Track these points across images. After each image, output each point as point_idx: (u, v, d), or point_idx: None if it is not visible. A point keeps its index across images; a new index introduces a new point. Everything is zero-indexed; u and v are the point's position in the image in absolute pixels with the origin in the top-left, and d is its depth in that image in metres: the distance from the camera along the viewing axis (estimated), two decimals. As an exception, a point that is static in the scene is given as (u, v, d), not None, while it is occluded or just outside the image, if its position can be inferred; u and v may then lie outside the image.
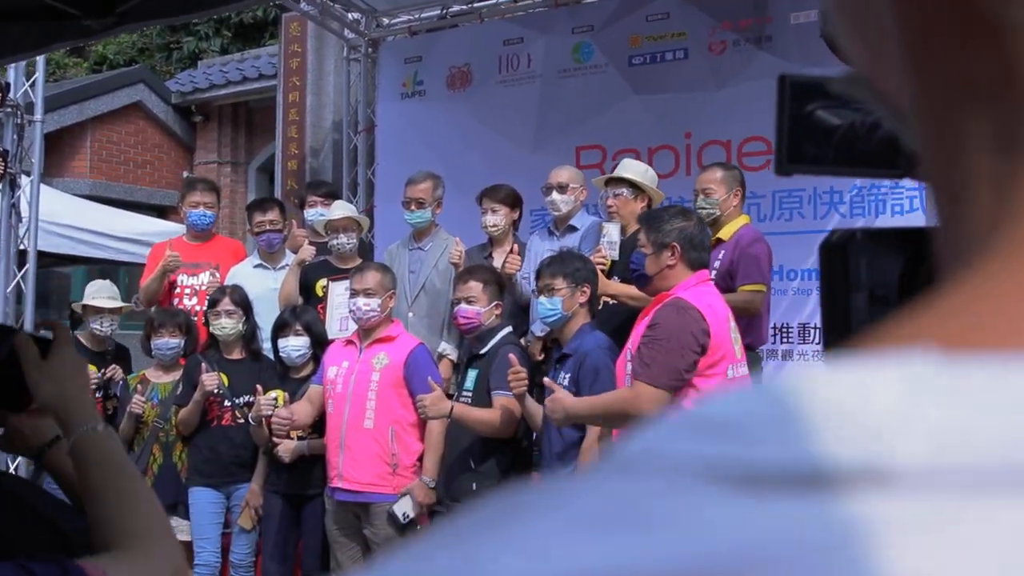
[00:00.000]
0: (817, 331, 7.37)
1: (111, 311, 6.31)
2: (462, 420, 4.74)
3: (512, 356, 4.58)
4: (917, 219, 7.00)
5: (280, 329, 5.58)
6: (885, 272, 1.02)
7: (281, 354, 5.57)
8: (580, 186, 5.80)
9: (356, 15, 9.40)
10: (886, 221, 7.14)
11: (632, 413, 3.78)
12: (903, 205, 7.08)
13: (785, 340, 7.36)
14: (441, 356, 5.91)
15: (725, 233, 5.23)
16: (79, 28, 2.32)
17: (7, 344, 1.59)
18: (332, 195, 6.94)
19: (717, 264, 5.13)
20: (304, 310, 5.70)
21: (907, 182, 6.48)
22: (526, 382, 4.50)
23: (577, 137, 8.30)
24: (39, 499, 1.76)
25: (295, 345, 5.51)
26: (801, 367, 7.32)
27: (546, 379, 4.38)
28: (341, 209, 6.33)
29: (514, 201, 6.08)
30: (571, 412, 3.99)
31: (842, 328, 1.02)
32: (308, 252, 6.24)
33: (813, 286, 7.38)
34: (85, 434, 1.63)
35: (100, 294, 6.36)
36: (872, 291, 1.01)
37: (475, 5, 9.11)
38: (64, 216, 8.96)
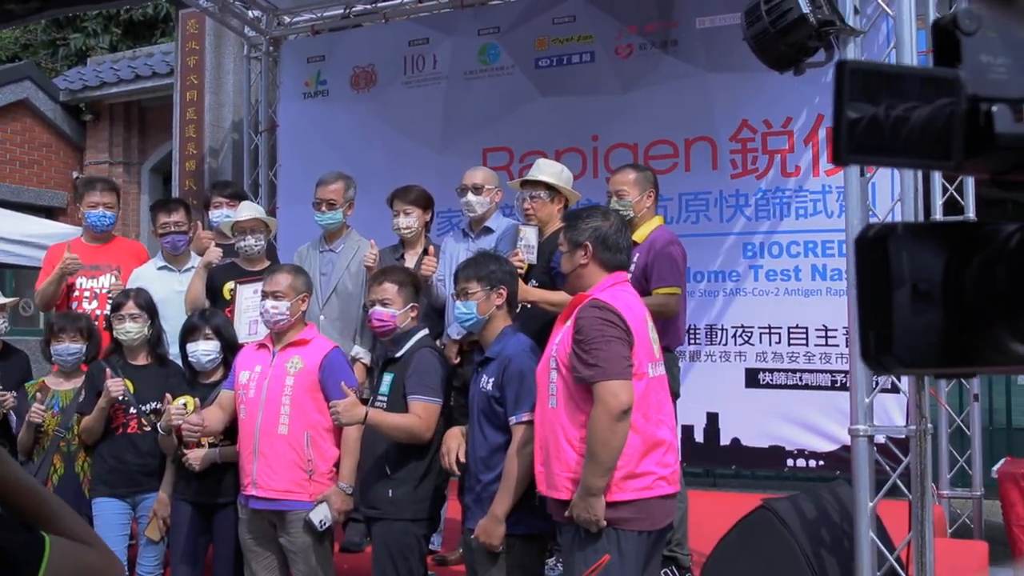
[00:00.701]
0: (723, 332, 7.47)
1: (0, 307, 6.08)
2: (376, 426, 4.65)
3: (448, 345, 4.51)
4: (819, 223, 7.15)
5: (189, 333, 5.42)
6: (928, 267, 1.00)
7: (191, 359, 5.41)
8: (495, 187, 5.76)
9: (256, 13, 9.25)
10: (790, 224, 7.27)
11: (614, 415, 3.72)
12: (807, 208, 7.23)
13: (693, 341, 7.45)
14: (355, 360, 5.82)
15: (639, 235, 5.25)
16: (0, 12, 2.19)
17: None
18: (238, 196, 6.77)
19: (632, 267, 5.14)
20: (213, 313, 5.55)
21: (836, 183, 6.56)
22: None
23: (484, 138, 8.29)
24: None
25: (205, 349, 5.36)
26: (709, 368, 7.42)
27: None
28: (248, 210, 6.18)
29: (426, 202, 6.01)
30: (592, 488, 3.78)
31: (883, 325, 1.00)
32: (215, 254, 6.07)
33: (720, 288, 7.49)
34: None
35: None
36: (916, 286, 0.99)
37: (379, 5, 9.04)
38: (-51, 217, 8.61)
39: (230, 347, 5.43)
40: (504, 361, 4.30)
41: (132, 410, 5.53)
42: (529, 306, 5.05)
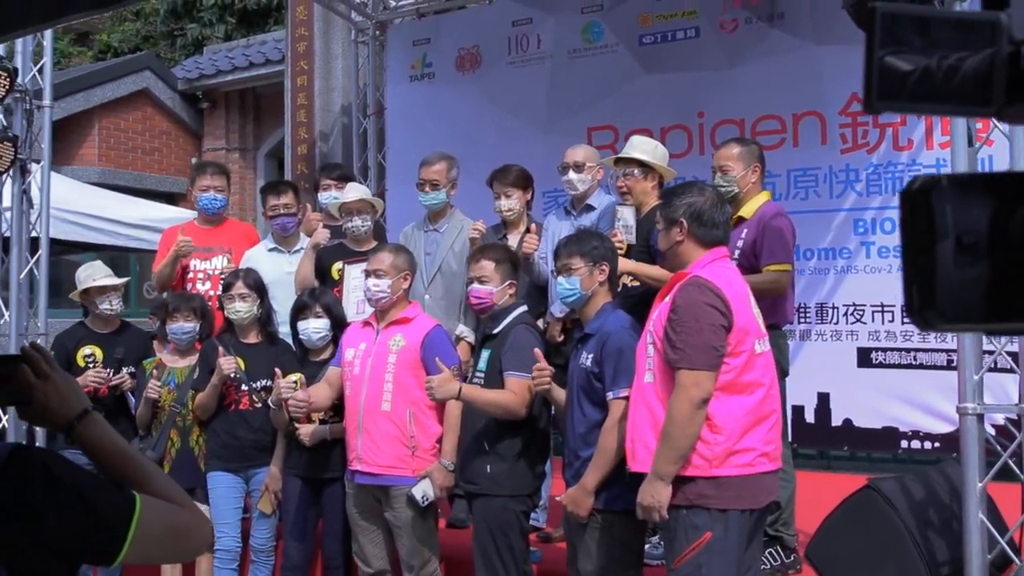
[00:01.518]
0: (834, 311, 7.33)
1: (114, 288, 6.29)
2: (471, 402, 4.70)
3: (537, 352, 4.52)
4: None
5: (299, 312, 5.55)
6: (974, 219, 0.97)
7: (301, 337, 5.54)
8: (596, 165, 5.74)
9: (363, -2, 9.35)
10: (902, 198, 7.06)
11: (692, 405, 3.72)
12: (920, 182, 7.01)
13: (803, 320, 7.33)
14: (459, 338, 5.87)
15: (747, 211, 5.16)
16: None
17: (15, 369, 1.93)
18: (345, 178, 6.89)
19: (740, 243, 5.07)
20: (323, 292, 5.67)
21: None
22: (548, 379, 4.46)
23: (589, 117, 8.25)
24: (69, 470, 1.83)
25: (315, 327, 5.48)
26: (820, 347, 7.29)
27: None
28: (355, 192, 6.28)
29: (525, 182, 6.03)
30: (662, 473, 3.80)
31: (927, 279, 0.98)
32: (323, 235, 6.18)
33: (831, 265, 7.34)
34: (76, 423, 1.94)
35: (97, 274, 6.33)
36: (960, 239, 0.97)
37: (484, -14, 9.05)
38: (75, 203, 8.95)
39: (339, 325, 5.53)
40: (603, 337, 4.29)
41: (243, 387, 5.69)
42: (629, 284, 5.04)
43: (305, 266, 6.17)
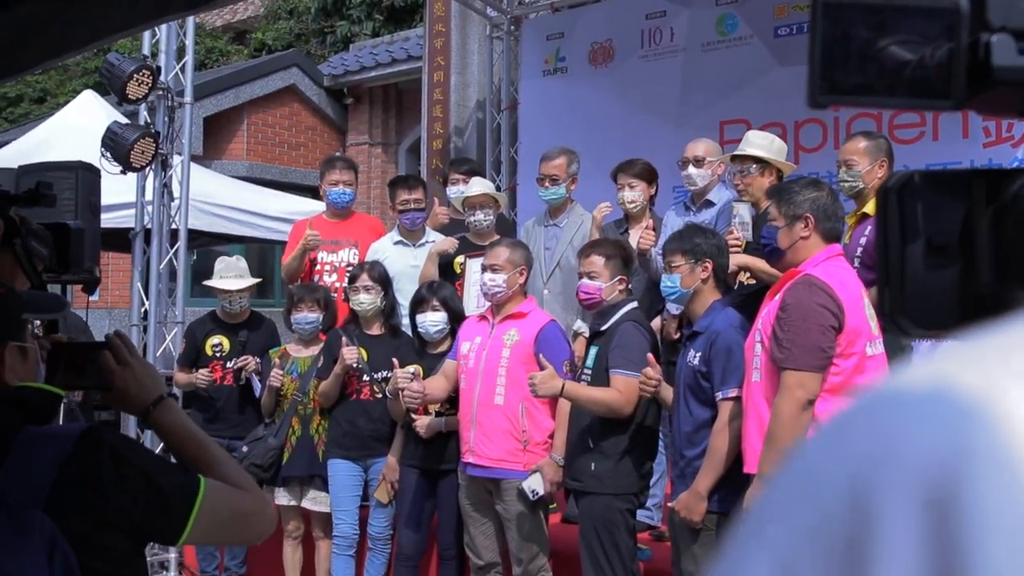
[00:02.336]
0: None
1: (239, 292, 6.47)
2: (573, 399, 4.67)
3: (650, 357, 4.47)
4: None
5: (418, 305, 5.62)
6: (946, 219, 0.91)
7: (419, 329, 5.60)
8: (717, 160, 5.65)
9: (499, -7, 9.41)
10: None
11: (799, 404, 3.64)
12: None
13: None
14: (576, 334, 5.85)
15: (872, 208, 4.99)
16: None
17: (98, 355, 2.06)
18: (474, 172, 6.93)
19: (863, 240, 4.90)
20: (441, 286, 5.72)
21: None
22: (655, 385, 4.40)
23: (721, 111, 8.12)
24: (137, 452, 1.93)
25: (433, 320, 5.54)
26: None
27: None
28: (479, 186, 6.32)
29: (650, 176, 5.97)
30: (775, 444, 3.75)
31: (898, 282, 0.92)
32: (450, 244, 6.22)
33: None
34: (151, 408, 2.05)
35: (227, 272, 6.52)
36: (930, 240, 0.91)
37: (617, -20, 8.99)
38: (220, 196, 9.25)
39: (457, 318, 5.58)
40: (712, 336, 4.21)
41: (365, 377, 5.79)
42: (745, 282, 4.93)
43: (429, 269, 6.21)
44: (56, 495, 1.76)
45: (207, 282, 6.69)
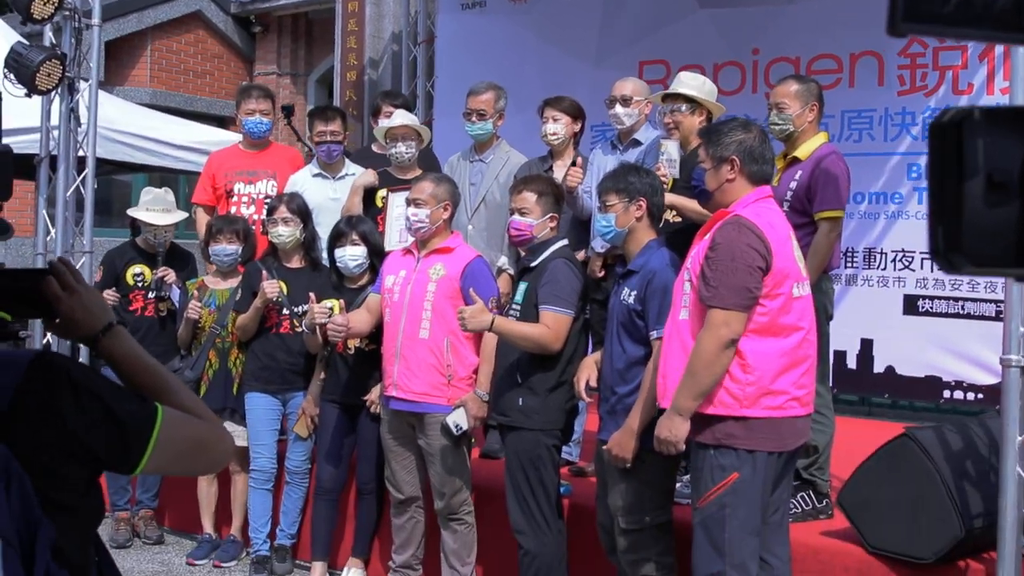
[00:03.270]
0: (883, 256, 7.22)
1: (165, 227, 6.32)
2: (503, 334, 4.67)
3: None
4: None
5: (336, 239, 5.54)
6: (1007, 156, 0.92)
7: (338, 264, 5.53)
8: (644, 99, 5.66)
9: (418, -77, 9.23)
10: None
11: (722, 343, 3.69)
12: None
13: (850, 264, 7.22)
14: (500, 270, 5.85)
15: (803, 152, 5.03)
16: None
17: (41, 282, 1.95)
18: (406, 106, 6.82)
19: (793, 184, 4.97)
20: (361, 220, 5.65)
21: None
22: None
23: (640, 51, 8.12)
24: (92, 379, 1.85)
25: (352, 255, 5.47)
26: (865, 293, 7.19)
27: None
28: (401, 118, 6.22)
29: (576, 112, 5.96)
30: (682, 408, 3.79)
31: (954, 219, 0.93)
32: (372, 176, 6.14)
33: (881, 210, 7.22)
34: (101, 336, 1.97)
35: (154, 205, 6.35)
36: (990, 176, 0.91)
37: (540, -87, 8.88)
38: (124, 124, 8.94)
39: (376, 253, 5.53)
40: (648, 275, 4.23)
41: (284, 311, 5.71)
42: (671, 220, 4.97)
43: (352, 202, 6.12)
44: (10, 422, 1.69)
45: (132, 211, 6.51)
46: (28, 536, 1.63)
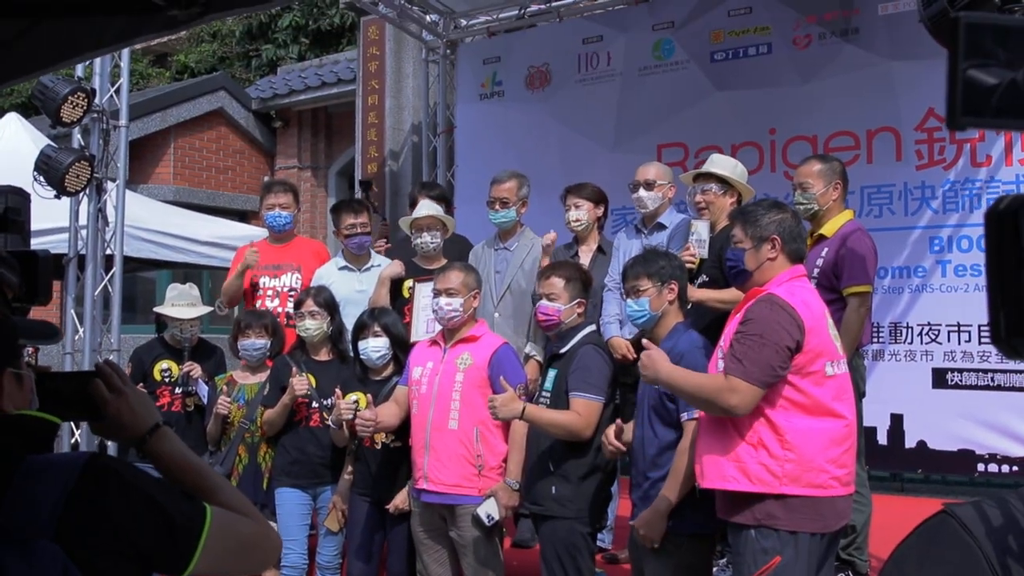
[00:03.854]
0: (909, 330, 7.19)
1: (190, 320, 6.37)
2: (533, 422, 4.65)
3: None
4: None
5: (359, 331, 5.55)
6: (1064, 243, 0.92)
7: (361, 356, 5.52)
8: (668, 183, 5.71)
9: (434, 17, 9.43)
10: (980, 217, 6.92)
11: (720, 403, 3.70)
12: (999, 199, 6.86)
13: (876, 339, 7.19)
14: (528, 357, 5.84)
15: (828, 229, 5.08)
16: (164, 19, 2.30)
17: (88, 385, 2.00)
18: (444, 198, 6.89)
19: (820, 262, 4.99)
20: (383, 312, 5.65)
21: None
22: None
23: (658, 135, 8.21)
24: (143, 480, 1.87)
25: (375, 346, 5.47)
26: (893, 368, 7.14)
27: (644, 340, 4.23)
28: (426, 208, 6.28)
29: (598, 198, 6.02)
30: (662, 375, 3.90)
31: (1015, 304, 0.93)
32: (397, 268, 6.17)
33: (905, 284, 7.21)
34: (148, 437, 2.02)
35: (180, 300, 6.41)
36: (1048, 263, 0.92)
37: (553, 4, 9.08)
38: (148, 222, 9.09)
39: (399, 344, 5.52)
40: (676, 358, 4.21)
41: (314, 404, 5.70)
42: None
43: (379, 294, 6.15)
44: (64, 524, 1.71)
45: (158, 309, 6.57)
46: None
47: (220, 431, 5.89)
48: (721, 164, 5.35)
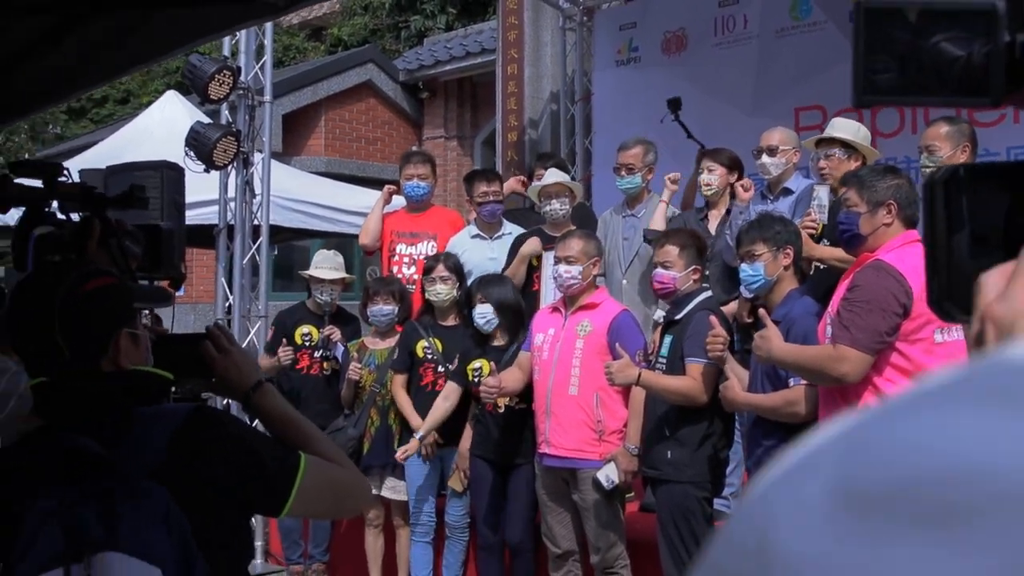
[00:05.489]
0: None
1: (331, 282, 6.58)
2: (650, 388, 4.69)
3: (713, 318, 4.48)
4: None
5: (468, 299, 5.68)
6: (989, 211, 0.94)
7: (478, 323, 5.61)
8: (792, 148, 5.62)
9: (572, -16, 9.42)
10: None
11: (831, 373, 3.68)
12: None
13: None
14: (657, 324, 5.85)
15: None
16: (263, 6, 2.43)
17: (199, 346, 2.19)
18: (560, 165, 6.97)
19: None
20: (487, 279, 5.69)
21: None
22: (723, 346, 4.41)
23: (796, 98, 8.04)
24: (243, 428, 2.11)
25: (480, 312, 5.51)
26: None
27: (761, 311, 4.24)
28: (554, 176, 6.35)
29: (732, 163, 5.98)
30: (775, 354, 3.90)
31: (944, 270, 0.95)
32: (537, 245, 6.22)
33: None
34: (251, 393, 2.19)
35: (323, 264, 6.64)
36: (973, 231, 0.94)
37: (690, -33, 8.95)
38: (298, 193, 9.41)
39: (505, 310, 5.55)
40: (788, 323, 4.19)
41: (440, 368, 5.86)
42: (822, 267, 4.91)
43: (518, 268, 6.17)
44: (170, 468, 1.88)
45: (303, 272, 6.84)
46: (186, 569, 1.81)
47: (353, 395, 6.12)
48: (844, 128, 5.24)
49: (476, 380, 5.51)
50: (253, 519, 2.10)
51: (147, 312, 2.73)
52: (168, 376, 2.09)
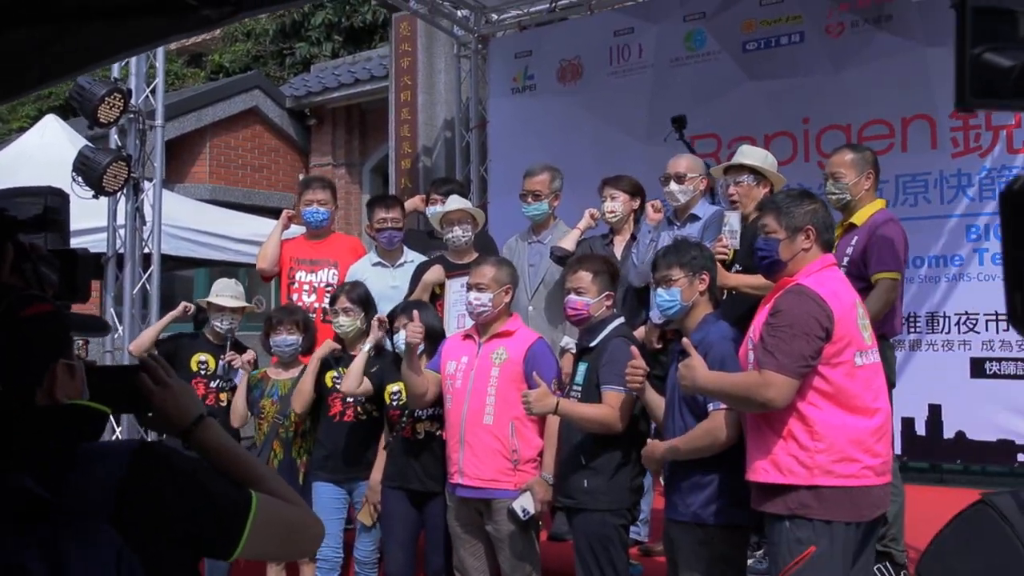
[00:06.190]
0: (946, 320, 7.13)
1: (232, 310, 6.39)
2: (567, 416, 4.66)
3: (634, 349, 4.49)
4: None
5: (392, 323, 5.58)
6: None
7: (397, 347, 5.53)
8: (699, 175, 5.69)
9: (465, 12, 9.45)
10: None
11: (757, 399, 3.71)
12: (1036, 186, 6.77)
13: (913, 329, 7.13)
14: (564, 350, 5.84)
15: (859, 218, 5.06)
16: (197, 19, 2.31)
17: (133, 379, 2.08)
18: (458, 191, 6.91)
19: (850, 250, 4.98)
20: (414, 304, 5.65)
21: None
22: (642, 377, 4.41)
23: (691, 126, 8.07)
24: (189, 466, 1.93)
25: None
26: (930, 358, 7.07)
27: (684, 340, 4.24)
28: (456, 203, 6.30)
29: (634, 190, 6.05)
30: (700, 383, 3.92)
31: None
32: (440, 274, 6.14)
33: (942, 273, 7.15)
34: (192, 428, 2.07)
35: (224, 292, 6.45)
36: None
37: (584, -3, 9.05)
38: (185, 220, 9.16)
39: (431, 335, 5.48)
40: (706, 347, 4.21)
41: (350, 399, 5.73)
42: (732, 293, 4.96)
43: (420, 297, 6.10)
44: (118, 508, 1.75)
45: (201, 299, 6.65)
46: None
47: (246, 409, 5.95)
48: (752, 155, 5.33)
49: (395, 403, 5.42)
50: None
51: (80, 342, 2.59)
52: (106, 410, 1.96)
